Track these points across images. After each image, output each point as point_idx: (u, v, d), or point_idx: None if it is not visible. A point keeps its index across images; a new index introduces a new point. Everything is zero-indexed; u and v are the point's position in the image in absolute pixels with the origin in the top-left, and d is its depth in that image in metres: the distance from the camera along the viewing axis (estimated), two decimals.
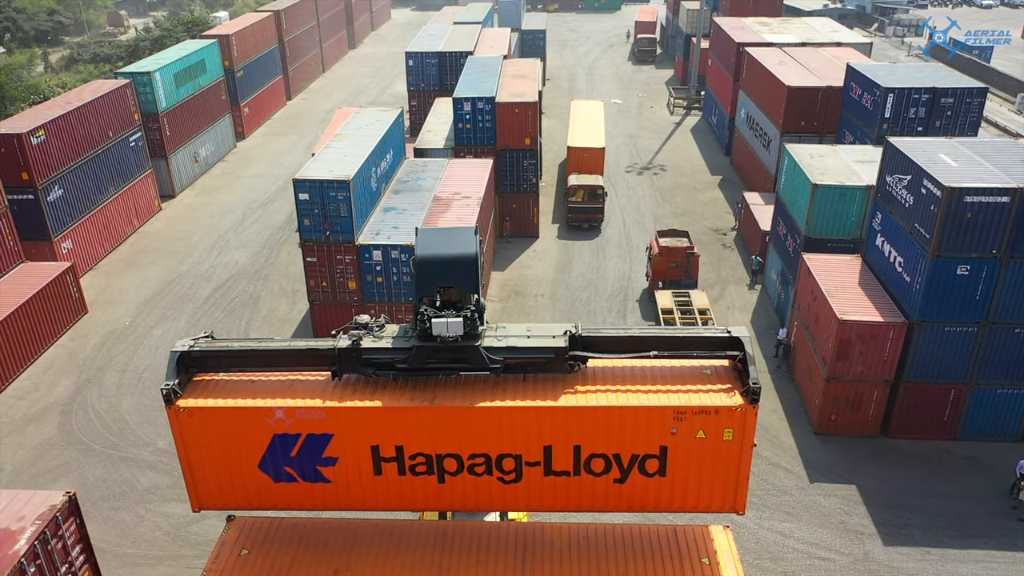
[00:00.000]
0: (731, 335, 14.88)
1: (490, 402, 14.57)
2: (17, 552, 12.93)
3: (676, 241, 36.33)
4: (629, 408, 14.48)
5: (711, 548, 16.69)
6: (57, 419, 28.91)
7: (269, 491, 15.99)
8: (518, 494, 15.74)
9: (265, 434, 15.09)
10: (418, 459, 15.20)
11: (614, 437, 14.80)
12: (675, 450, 14.85)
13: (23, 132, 35.29)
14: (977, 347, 25.30)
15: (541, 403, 14.56)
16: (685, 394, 14.77)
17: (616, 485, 15.44)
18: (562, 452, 14.98)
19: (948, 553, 22.50)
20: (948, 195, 23.31)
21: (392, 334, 15.08)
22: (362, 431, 15.05)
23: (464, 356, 14.60)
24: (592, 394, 14.82)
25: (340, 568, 16.28)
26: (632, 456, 14.98)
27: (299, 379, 15.36)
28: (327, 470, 15.63)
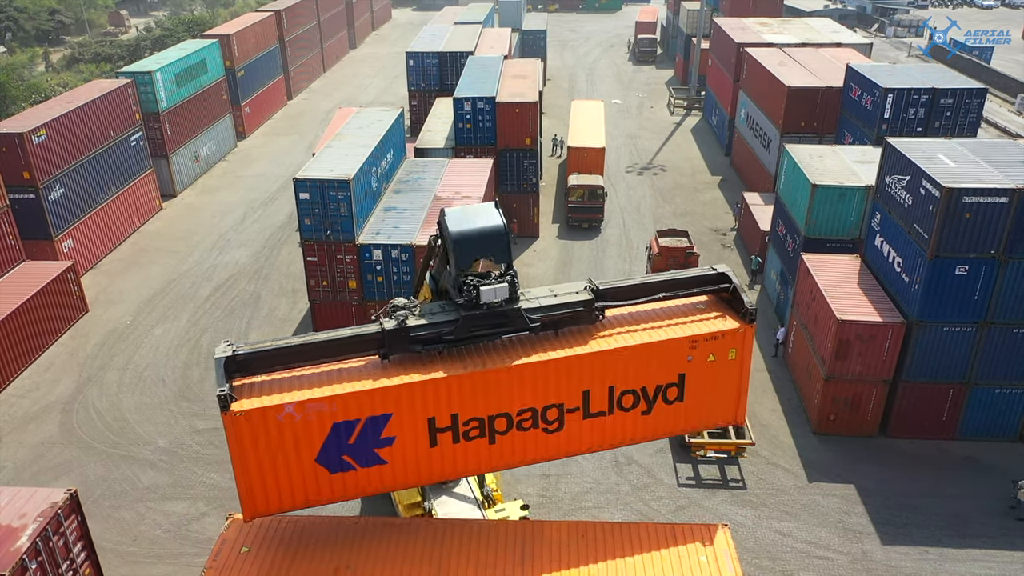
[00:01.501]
0: (718, 271, 16.79)
1: (536, 357, 15.61)
2: (19, 549, 13.00)
3: (676, 241, 36.43)
4: (654, 344, 15.99)
5: (709, 546, 16.75)
6: (58, 418, 28.99)
7: (327, 484, 16.04)
8: (560, 442, 16.78)
9: (324, 425, 15.21)
10: (471, 424, 15.93)
11: (642, 372, 16.29)
12: (691, 376, 16.56)
13: (24, 131, 35.37)
14: (976, 347, 25.37)
15: (580, 350, 15.78)
16: (694, 324, 16.44)
17: (643, 417, 16.88)
18: (598, 394, 16.32)
19: (946, 552, 22.58)
20: (947, 195, 23.38)
21: (430, 311, 15.78)
22: (420, 406, 15.56)
23: (507, 319, 15.49)
24: (618, 336, 16.18)
25: (340, 566, 16.36)
26: (656, 387, 16.55)
27: (342, 368, 15.48)
28: (384, 451, 15.94)
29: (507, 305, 15.35)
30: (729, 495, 24.92)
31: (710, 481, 25.48)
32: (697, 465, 26.08)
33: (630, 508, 24.45)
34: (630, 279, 16.85)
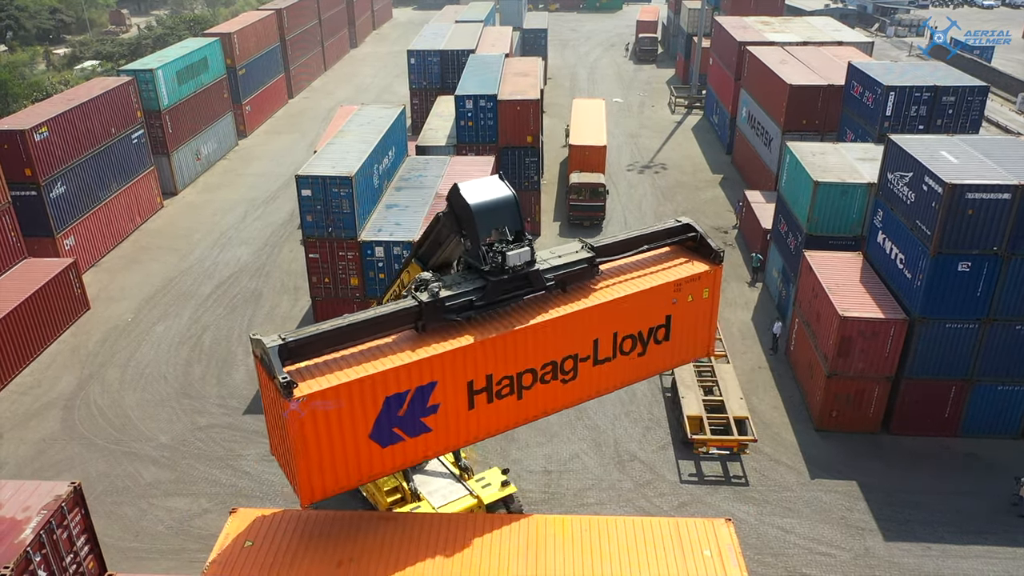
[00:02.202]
0: (684, 223, 18.75)
1: (555, 313, 16.95)
2: (23, 541, 12.99)
3: None
4: (648, 290, 17.73)
5: (713, 541, 16.75)
6: (60, 414, 28.98)
7: (378, 459, 16.52)
8: (574, 390, 18.16)
9: (377, 400, 15.73)
10: (503, 383, 17.04)
11: (639, 317, 17.98)
12: (675, 316, 18.47)
13: (26, 128, 35.37)
14: (978, 344, 25.36)
15: (591, 303, 17.24)
16: (673, 270, 18.34)
17: (639, 359, 18.55)
18: (605, 341, 17.85)
19: (948, 549, 22.57)
20: (949, 192, 23.37)
21: (454, 282, 16.77)
22: (461, 371, 16.45)
23: (528, 281, 16.73)
24: (616, 287, 17.77)
25: (343, 559, 16.36)
26: (649, 330, 18.31)
27: (379, 345, 16.02)
28: (429, 419, 16.67)
29: (527, 268, 16.51)
30: (731, 491, 24.91)
31: (712, 478, 25.48)
32: (699, 462, 26.08)
33: (632, 505, 24.45)
34: (615, 236, 18.27)
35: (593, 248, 17.51)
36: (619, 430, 27.68)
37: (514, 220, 16.72)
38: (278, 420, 15.20)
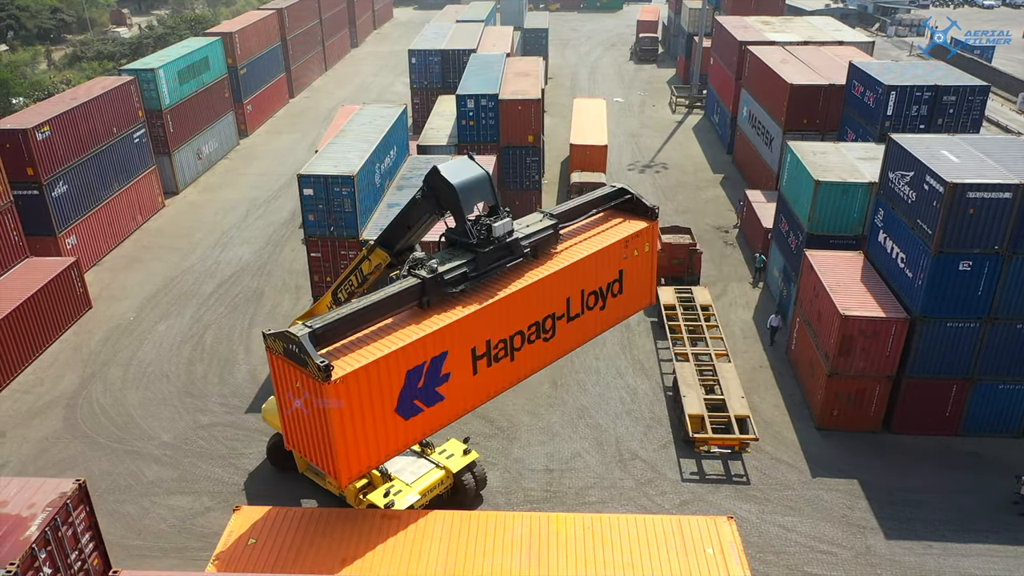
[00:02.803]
0: (619, 187, 21.01)
1: (538, 275, 18.57)
2: (28, 538, 13.05)
3: (678, 238, 36.46)
4: (605, 248, 19.73)
5: (716, 539, 16.82)
6: (62, 413, 29.03)
7: (402, 432, 17.45)
8: (553, 347, 19.82)
9: (400, 374, 16.67)
10: (499, 346, 18.44)
11: (600, 273, 19.96)
12: (626, 271, 20.63)
13: (28, 128, 35.40)
14: (979, 343, 25.41)
15: (562, 264, 18.98)
16: (617, 230, 20.36)
17: (600, 312, 20.55)
18: (575, 298, 19.68)
19: (950, 547, 22.61)
20: (950, 191, 23.42)
21: (443, 259, 17.98)
22: (467, 338, 17.69)
23: (509, 250, 18.27)
24: (578, 248, 19.58)
25: (347, 557, 16.43)
26: (608, 284, 20.33)
27: (387, 324, 16.99)
28: (443, 388, 17.76)
29: (509, 238, 18.14)
30: (733, 490, 24.96)
31: (713, 476, 25.53)
32: (701, 460, 26.12)
33: (634, 503, 24.50)
34: (565, 204, 20.25)
35: (553, 216, 19.32)
36: (621, 429, 27.73)
37: (490, 195, 18.29)
38: (307, 407, 15.96)
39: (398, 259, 19.81)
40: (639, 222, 20.85)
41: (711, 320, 31.97)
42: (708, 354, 29.77)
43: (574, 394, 29.69)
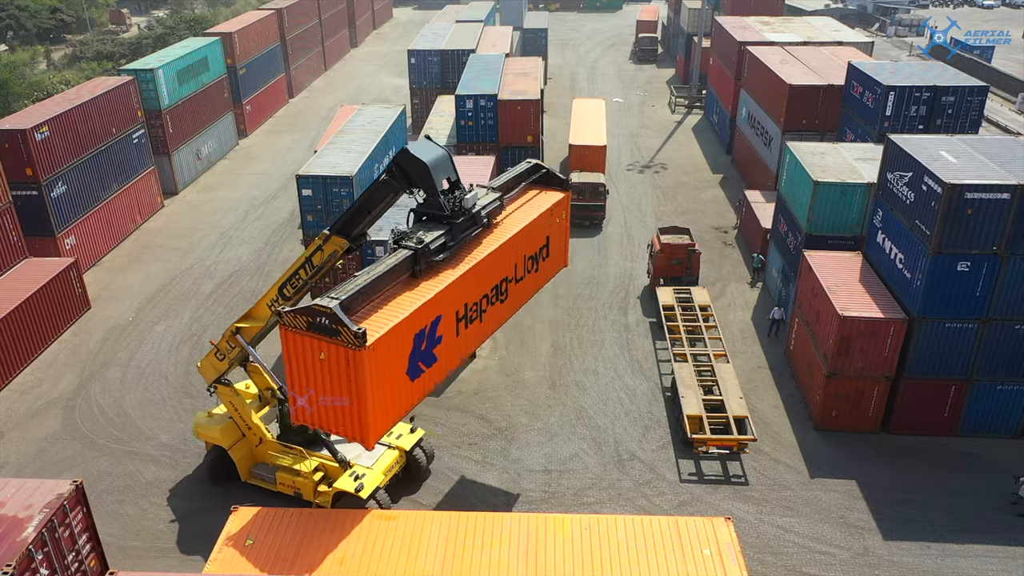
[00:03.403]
0: (535, 163, 23.27)
1: (499, 242, 20.70)
2: (25, 539, 13.05)
3: (677, 238, 36.41)
4: (539, 216, 22.21)
5: (713, 540, 16.82)
6: (61, 413, 29.04)
7: (409, 393, 18.97)
8: (506, 308, 22.21)
9: (409, 339, 18.23)
10: (473, 308, 20.43)
11: (536, 239, 22.45)
12: (551, 236, 23.27)
13: (27, 128, 35.40)
14: (977, 343, 25.41)
15: (512, 231, 21.27)
16: (541, 200, 22.81)
17: (535, 275, 23.17)
18: (520, 263, 22.07)
19: (948, 548, 22.61)
20: (949, 192, 23.42)
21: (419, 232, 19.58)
22: (454, 302, 19.50)
23: (474, 220, 20.28)
24: (519, 216, 21.92)
25: (345, 557, 16.43)
26: (539, 249, 22.91)
27: (384, 294, 18.47)
28: (437, 349, 19.43)
29: (474, 209, 20.17)
30: (731, 491, 24.97)
31: (712, 477, 25.53)
32: (699, 461, 26.13)
33: (632, 504, 24.50)
34: (497, 179, 22.36)
35: (496, 189, 21.61)
36: (619, 429, 27.74)
37: (452, 170, 20.26)
38: (332, 377, 17.23)
39: (356, 243, 21.05)
40: (556, 193, 23.40)
41: (710, 321, 31.95)
42: (707, 355, 29.76)
43: (573, 395, 29.69)
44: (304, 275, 21.80)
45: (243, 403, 24.07)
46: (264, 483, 24.32)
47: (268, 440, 24.15)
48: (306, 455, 23.63)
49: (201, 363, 24.24)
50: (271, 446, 24.14)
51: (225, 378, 23.95)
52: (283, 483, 23.76)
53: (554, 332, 33.85)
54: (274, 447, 24.10)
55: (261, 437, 24.17)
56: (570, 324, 34.46)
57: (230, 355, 23.48)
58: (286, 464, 23.71)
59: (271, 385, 25.24)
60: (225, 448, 24.26)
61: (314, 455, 23.61)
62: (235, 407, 24.12)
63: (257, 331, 23.23)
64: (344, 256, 21.49)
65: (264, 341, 24.38)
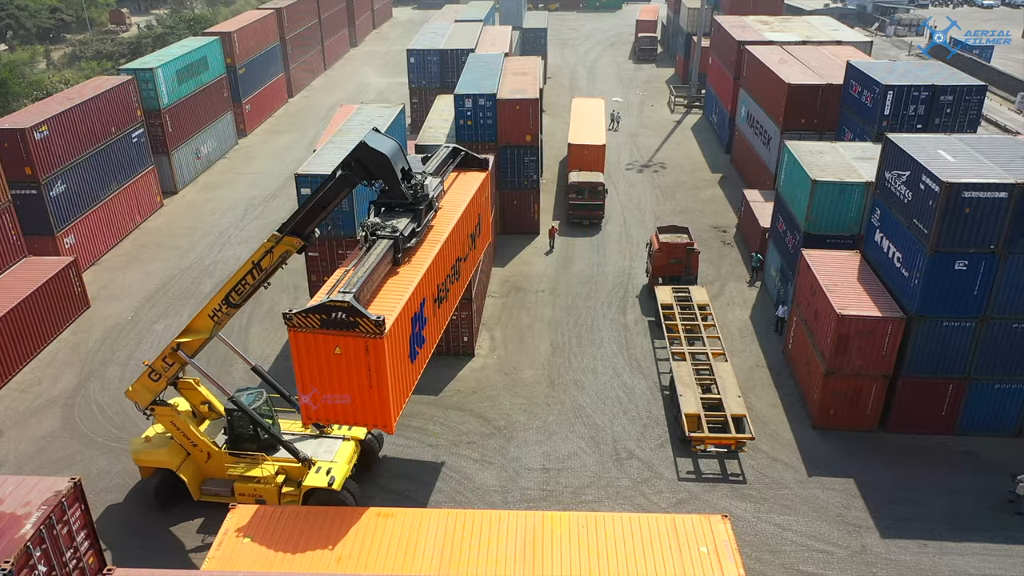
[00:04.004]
0: (455, 147, 25.84)
1: (449, 225, 22.61)
2: (23, 536, 13.05)
3: (676, 237, 36.43)
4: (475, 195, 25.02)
5: (710, 537, 16.85)
6: (60, 412, 29.08)
7: (411, 374, 20.03)
8: (459, 286, 24.37)
9: (409, 321, 19.34)
10: (442, 288, 22.19)
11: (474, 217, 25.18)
12: (482, 214, 26.13)
13: (26, 127, 35.44)
14: (975, 342, 25.44)
15: (458, 213, 23.34)
16: (471, 179, 25.37)
17: (474, 252, 25.93)
18: (467, 241, 24.23)
19: (945, 546, 22.64)
20: (946, 191, 23.45)
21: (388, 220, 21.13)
22: (431, 284, 20.90)
23: (430, 205, 22.02)
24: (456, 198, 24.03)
25: (342, 555, 16.46)
26: (476, 226, 25.55)
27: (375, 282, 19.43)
28: (425, 331, 20.87)
29: (431, 195, 21.78)
30: (729, 489, 24.99)
31: (710, 476, 25.56)
32: (697, 460, 26.16)
33: (630, 502, 24.53)
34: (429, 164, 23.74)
35: (435, 174, 23.22)
36: (617, 428, 27.76)
37: (405, 160, 21.71)
38: (349, 370, 18.11)
39: (308, 242, 21.71)
40: (478, 173, 25.38)
41: (708, 320, 31.97)
42: (705, 353, 29.78)
43: (571, 393, 29.73)
44: (252, 280, 21.82)
45: (185, 421, 23.36)
46: (218, 498, 23.48)
47: (217, 453, 23.58)
48: (266, 459, 23.32)
49: (132, 387, 23.14)
50: (222, 458, 23.54)
51: (160, 398, 23.24)
52: (242, 493, 23.15)
53: (553, 331, 33.88)
54: (226, 459, 23.50)
55: (209, 452, 23.55)
56: (569, 323, 34.50)
57: (167, 374, 22.84)
58: (243, 473, 23.18)
59: (207, 399, 24.75)
60: (173, 469, 23.44)
61: (271, 459, 23.39)
62: (177, 426, 23.33)
63: (200, 344, 22.75)
64: (299, 254, 21.95)
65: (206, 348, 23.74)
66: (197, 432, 23.56)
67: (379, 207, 21.67)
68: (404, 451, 26.62)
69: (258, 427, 23.32)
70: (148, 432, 24.63)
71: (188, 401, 24.65)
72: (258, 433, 23.47)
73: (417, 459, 26.27)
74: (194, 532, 23.45)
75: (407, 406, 28.44)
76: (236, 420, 23.56)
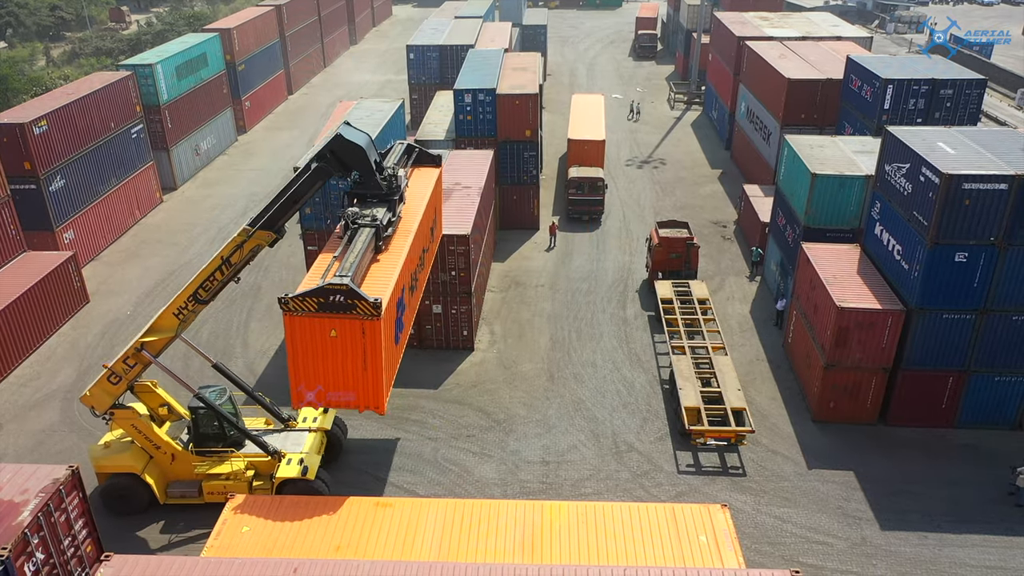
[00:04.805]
0: (409, 144, 25.98)
1: (419, 216, 23.70)
2: (21, 523, 13.05)
3: (676, 232, 36.35)
4: (434, 189, 25.98)
5: (709, 526, 16.82)
6: (59, 406, 29.06)
7: (395, 358, 20.86)
8: (424, 274, 25.70)
9: (394, 307, 19.97)
10: (414, 277, 23.20)
11: (432, 211, 25.99)
12: (438, 206, 27.53)
13: (25, 122, 35.41)
14: (975, 334, 25.40)
15: (424, 203, 24.43)
16: (427, 175, 26.30)
17: (432, 243, 26.82)
18: (428, 233, 25.44)
19: (945, 538, 22.61)
20: (946, 182, 23.41)
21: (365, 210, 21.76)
22: (408, 272, 21.63)
23: (401, 196, 23.02)
24: (417, 191, 24.88)
25: (341, 544, 16.43)
26: (434, 218, 26.60)
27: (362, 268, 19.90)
28: (404, 316, 21.75)
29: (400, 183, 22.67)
30: (729, 482, 24.96)
31: (710, 468, 25.52)
32: (697, 453, 26.12)
33: (630, 495, 24.49)
34: (392, 161, 23.79)
35: (402, 168, 23.79)
36: (617, 421, 27.74)
37: (376, 152, 22.28)
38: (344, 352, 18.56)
39: (280, 235, 21.98)
40: (432, 169, 26.34)
41: (708, 314, 31.93)
42: (705, 347, 29.72)
43: (571, 387, 29.69)
44: (220, 276, 21.70)
45: (147, 424, 22.92)
46: (185, 499, 23.29)
47: (182, 454, 23.22)
48: (234, 455, 23.23)
49: (90, 391, 22.44)
50: (188, 459, 23.24)
51: (119, 401, 22.78)
52: (212, 492, 22.94)
53: (552, 325, 33.85)
54: (192, 459, 23.24)
55: (173, 453, 23.13)
56: (568, 317, 34.47)
57: (128, 376, 22.40)
58: (210, 471, 23.01)
59: (165, 400, 24.39)
60: (137, 473, 22.83)
61: (239, 455, 23.31)
62: (139, 429, 22.85)
63: (164, 343, 22.50)
64: (271, 247, 22.21)
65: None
66: (160, 434, 23.11)
67: (353, 197, 22.26)
68: (403, 444, 26.59)
69: (225, 424, 23.10)
70: (107, 437, 24.06)
71: (145, 404, 24.02)
72: (225, 430, 23.27)
73: (416, 452, 26.24)
74: (193, 523, 23.38)
75: (407, 399, 28.60)
76: (201, 418, 23.21)
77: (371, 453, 26.17)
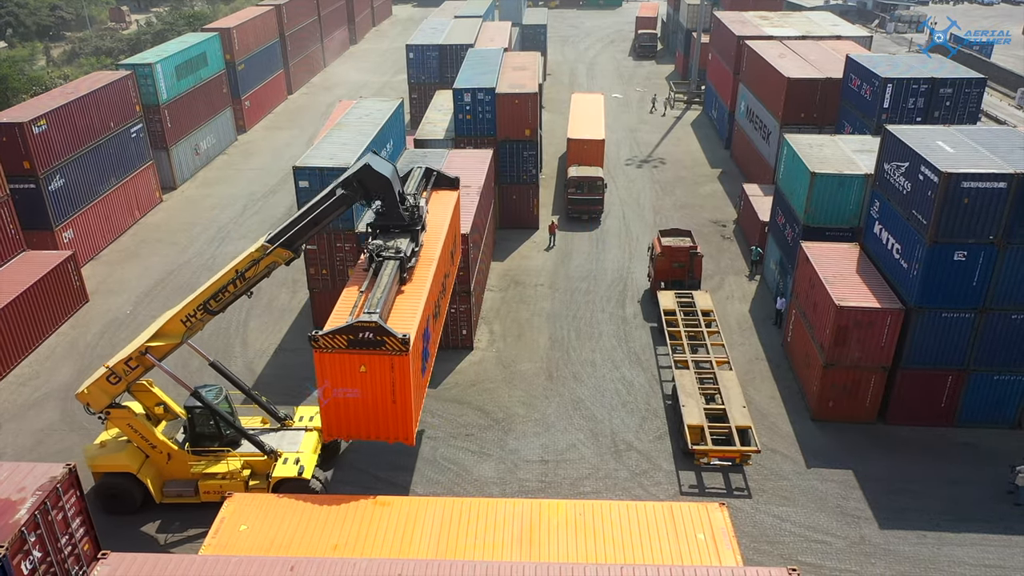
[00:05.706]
0: (428, 168, 26.73)
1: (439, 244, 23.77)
2: (18, 521, 13.04)
3: (679, 240, 35.06)
4: (453, 215, 26.26)
5: (707, 525, 16.81)
6: (58, 405, 29.06)
7: (422, 388, 21.03)
8: (445, 300, 25.87)
9: (421, 339, 20.09)
10: (437, 305, 23.33)
11: (452, 236, 25.98)
12: (456, 231, 27.24)
13: (25, 121, 35.40)
14: (974, 333, 25.38)
15: (444, 231, 24.53)
16: (446, 198, 26.37)
17: (453, 267, 26.95)
18: (448, 258, 25.36)
19: (944, 536, 22.59)
20: (945, 181, 23.39)
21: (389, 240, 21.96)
22: (431, 302, 21.78)
23: (423, 226, 23.10)
24: (437, 218, 25.02)
25: (339, 542, 16.42)
26: (455, 243, 26.83)
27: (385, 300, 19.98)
28: (429, 345, 22.02)
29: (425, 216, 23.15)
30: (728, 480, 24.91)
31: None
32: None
33: (628, 494, 24.46)
34: (407, 185, 24.61)
35: (419, 195, 23.97)
36: (616, 420, 27.72)
37: (400, 182, 22.48)
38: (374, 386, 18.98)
39: (298, 254, 22.27)
40: (450, 192, 26.35)
41: (712, 326, 30.78)
42: (709, 361, 28.59)
43: (570, 386, 29.68)
44: (233, 289, 21.80)
45: (144, 423, 22.91)
46: (181, 499, 23.30)
47: (178, 453, 23.22)
48: (231, 454, 23.23)
49: (87, 389, 22.29)
50: (184, 458, 23.25)
51: (116, 400, 22.72)
52: (208, 491, 22.92)
53: (552, 324, 33.83)
54: (189, 458, 23.24)
55: (169, 453, 23.13)
56: (567, 316, 34.45)
57: (128, 377, 22.32)
58: (207, 470, 23.02)
59: (162, 400, 24.33)
60: (134, 473, 22.85)
61: (236, 454, 23.34)
62: (135, 428, 22.82)
63: (169, 348, 22.45)
64: (287, 265, 22.47)
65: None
66: (156, 433, 23.08)
67: (375, 229, 22.35)
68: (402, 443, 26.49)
69: (222, 423, 23.08)
70: (102, 437, 24.02)
71: (141, 403, 23.97)
72: (221, 429, 23.27)
73: (415, 451, 26.22)
74: (191, 521, 23.38)
75: None
76: (197, 417, 23.20)
77: (369, 452, 26.15)
